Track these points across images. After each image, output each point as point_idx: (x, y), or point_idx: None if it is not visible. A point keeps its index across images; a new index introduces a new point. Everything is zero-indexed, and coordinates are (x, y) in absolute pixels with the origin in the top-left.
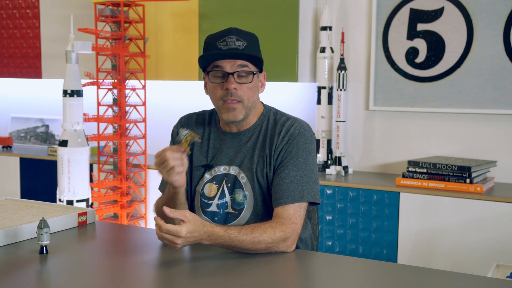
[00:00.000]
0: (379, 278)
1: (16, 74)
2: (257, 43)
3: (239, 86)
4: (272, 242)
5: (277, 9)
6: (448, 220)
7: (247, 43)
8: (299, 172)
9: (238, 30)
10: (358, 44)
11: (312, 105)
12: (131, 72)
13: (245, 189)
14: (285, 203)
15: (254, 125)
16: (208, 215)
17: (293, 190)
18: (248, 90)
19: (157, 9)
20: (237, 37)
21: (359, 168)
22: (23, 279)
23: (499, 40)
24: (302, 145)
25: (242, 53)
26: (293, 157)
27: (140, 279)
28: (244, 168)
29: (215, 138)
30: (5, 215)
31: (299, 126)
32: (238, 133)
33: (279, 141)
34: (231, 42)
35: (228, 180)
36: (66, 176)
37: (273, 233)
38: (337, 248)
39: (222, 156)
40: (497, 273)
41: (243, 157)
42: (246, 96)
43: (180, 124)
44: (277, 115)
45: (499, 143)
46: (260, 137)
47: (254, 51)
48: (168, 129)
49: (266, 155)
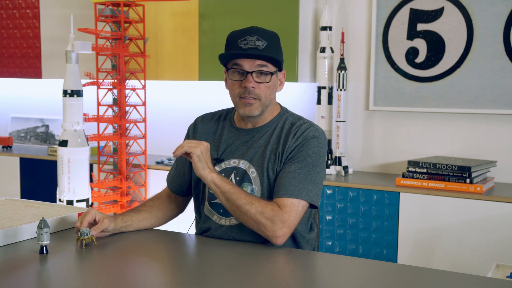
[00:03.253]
0: (379, 278)
1: (16, 74)
2: (278, 43)
3: (257, 85)
4: (261, 213)
5: (277, 9)
6: (448, 220)
7: (267, 43)
8: (304, 170)
9: (260, 29)
10: (358, 44)
11: (312, 105)
12: (131, 72)
13: (253, 183)
14: (283, 196)
15: (269, 123)
16: (214, 206)
17: (294, 185)
18: (266, 89)
19: (157, 9)
20: (257, 36)
21: (359, 168)
22: (23, 279)
23: (499, 40)
24: (313, 147)
25: (261, 54)
26: (302, 156)
27: (140, 279)
28: (254, 163)
29: (228, 133)
30: (5, 215)
31: (314, 130)
32: (251, 129)
33: (293, 141)
34: (251, 42)
35: (237, 173)
36: (66, 176)
37: (265, 206)
38: (337, 248)
39: (233, 150)
40: (497, 273)
41: (254, 153)
42: (263, 94)
43: (195, 125)
44: (294, 117)
45: (499, 143)
46: (274, 135)
47: (274, 51)
48: (168, 129)
49: (279, 152)
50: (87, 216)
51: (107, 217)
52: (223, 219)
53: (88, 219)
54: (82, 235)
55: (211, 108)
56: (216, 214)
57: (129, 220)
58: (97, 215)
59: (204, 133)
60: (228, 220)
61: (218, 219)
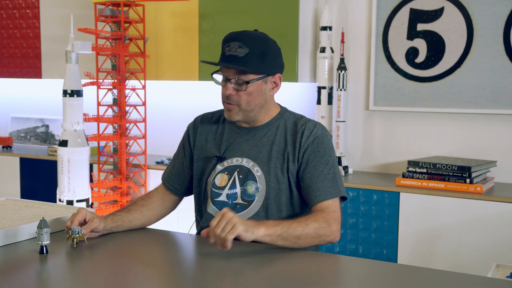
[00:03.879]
0: (379, 278)
1: (16, 74)
2: (266, 49)
3: (235, 92)
4: (317, 227)
5: (277, 9)
6: (448, 220)
7: (249, 50)
8: (330, 169)
9: (247, 35)
10: (358, 44)
11: (312, 105)
12: (131, 72)
13: (258, 181)
14: (325, 199)
15: (270, 122)
16: (217, 204)
17: (329, 186)
18: (246, 96)
19: (157, 9)
20: (240, 43)
21: (359, 168)
22: (23, 279)
23: (499, 40)
24: (328, 144)
25: (231, 65)
26: (323, 156)
27: (140, 279)
28: (259, 162)
29: (229, 132)
30: (5, 215)
31: (320, 127)
32: (253, 128)
33: (304, 139)
34: (233, 48)
35: (240, 172)
36: (66, 176)
37: (316, 219)
38: (337, 248)
39: (235, 148)
40: (497, 273)
41: (258, 151)
42: (243, 101)
43: (195, 124)
44: (296, 116)
45: (499, 143)
46: (278, 134)
47: (254, 59)
48: (168, 129)
49: (288, 152)
50: (78, 215)
51: (97, 217)
52: None
53: (79, 218)
54: (73, 234)
55: (211, 108)
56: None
57: (119, 220)
58: (87, 215)
59: (205, 133)
60: None
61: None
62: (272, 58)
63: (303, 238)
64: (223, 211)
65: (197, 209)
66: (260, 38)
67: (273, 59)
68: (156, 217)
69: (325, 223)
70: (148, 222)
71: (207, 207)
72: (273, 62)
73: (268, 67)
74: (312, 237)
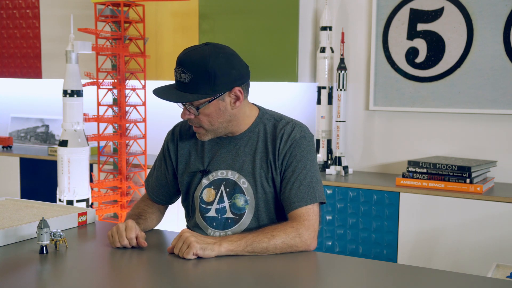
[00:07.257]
0: (379, 278)
1: (16, 74)
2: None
3: (193, 115)
4: (286, 238)
5: (277, 9)
6: (448, 220)
7: (192, 75)
8: (307, 174)
9: (189, 58)
10: (358, 44)
11: (312, 105)
12: (131, 72)
13: (246, 194)
14: (299, 206)
15: (249, 128)
16: (208, 220)
17: (305, 192)
18: (205, 117)
19: (157, 9)
20: (183, 69)
21: (359, 168)
22: (23, 279)
23: (499, 40)
24: (306, 147)
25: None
26: (300, 160)
27: (140, 279)
28: (245, 174)
29: (210, 143)
30: (5, 215)
31: (299, 130)
32: (233, 138)
33: (282, 145)
34: (178, 75)
35: (227, 185)
36: (66, 176)
37: (284, 229)
38: (337, 248)
39: (219, 160)
40: (497, 273)
41: (242, 162)
42: (204, 123)
43: (173, 135)
44: (275, 118)
45: (499, 143)
46: (259, 141)
47: (201, 82)
48: (168, 129)
49: (270, 160)
50: (131, 233)
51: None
52: (217, 231)
53: (132, 236)
54: (55, 237)
55: None
56: (210, 228)
57: (143, 229)
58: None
59: (186, 147)
60: (223, 232)
61: (212, 232)
62: (222, 75)
63: (272, 249)
64: (182, 231)
65: (188, 220)
66: (202, 59)
67: (223, 75)
68: (156, 224)
69: (294, 233)
70: (150, 228)
71: (197, 221)
72: (224, 79)
73: (218, 86)
74: (281, 247)
